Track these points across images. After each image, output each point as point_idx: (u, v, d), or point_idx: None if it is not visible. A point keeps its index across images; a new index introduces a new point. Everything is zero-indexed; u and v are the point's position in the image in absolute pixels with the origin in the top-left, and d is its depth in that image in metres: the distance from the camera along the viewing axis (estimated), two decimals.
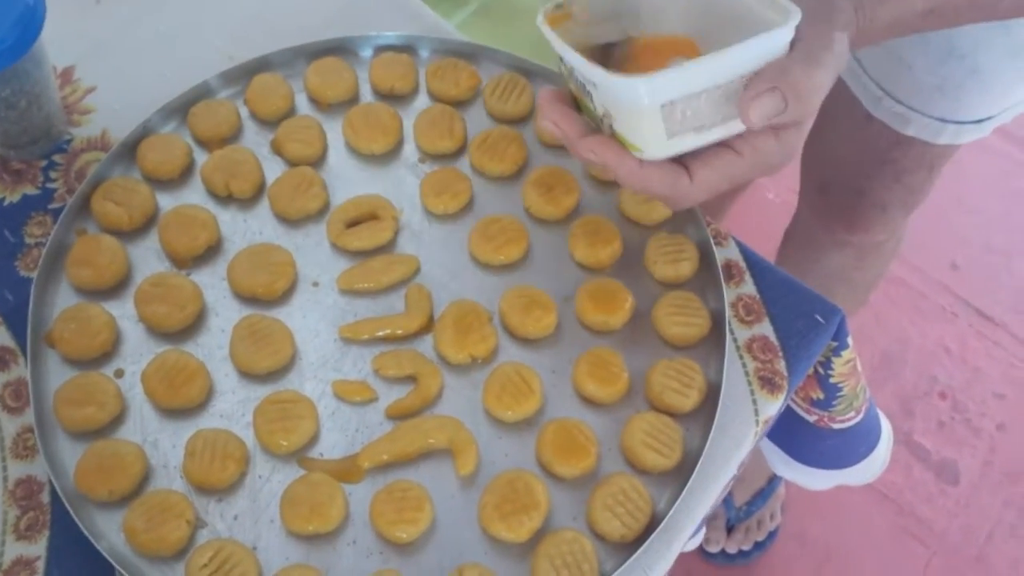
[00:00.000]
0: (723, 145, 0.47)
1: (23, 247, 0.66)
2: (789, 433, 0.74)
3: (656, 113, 0.43)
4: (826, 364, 0.65)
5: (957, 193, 1.61)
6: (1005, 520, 1.34)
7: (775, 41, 0.44)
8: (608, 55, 0.53)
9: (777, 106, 0.44)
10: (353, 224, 0.65)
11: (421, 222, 0.66)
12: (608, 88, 0.44)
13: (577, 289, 0.62)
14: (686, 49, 0.49)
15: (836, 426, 0.71)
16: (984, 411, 1.43)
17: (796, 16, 0.43)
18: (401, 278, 0.63)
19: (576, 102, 0.50)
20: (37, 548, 0.54)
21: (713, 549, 1.25)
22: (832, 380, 0.66)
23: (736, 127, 0.45)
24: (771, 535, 1.28)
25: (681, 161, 0.47)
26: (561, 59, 0.47)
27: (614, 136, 0.46)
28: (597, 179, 0.67)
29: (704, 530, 0.87)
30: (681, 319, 0.60)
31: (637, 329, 0.61)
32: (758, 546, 1.27)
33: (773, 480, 1.26)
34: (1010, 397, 1.44)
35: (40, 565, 0.54)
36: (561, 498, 0.55)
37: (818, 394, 0.68)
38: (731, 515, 1.24)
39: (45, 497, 0.56)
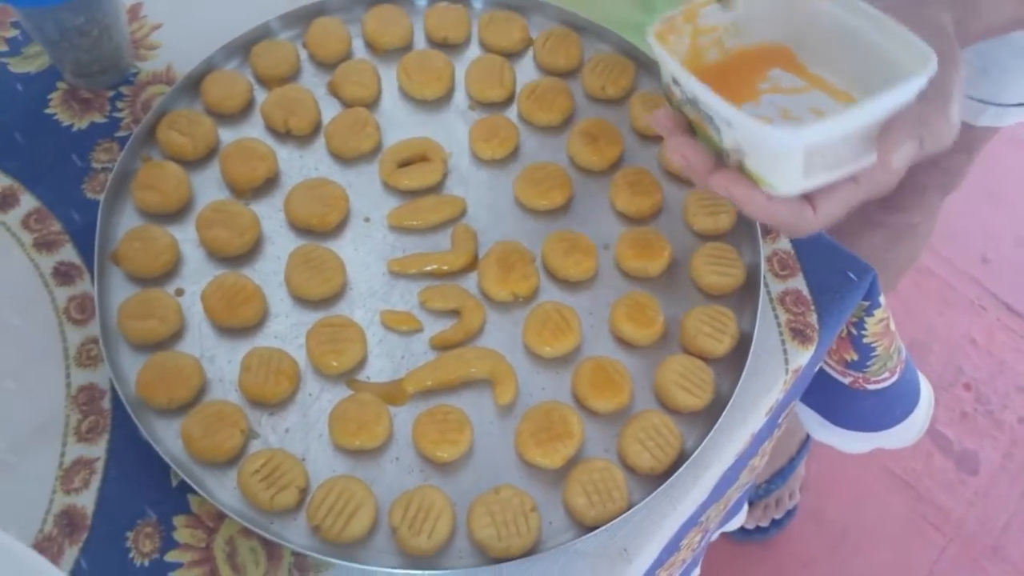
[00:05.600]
0: None
1: (89, 171, 0.70)
2: (825, 396, 0.76)
3: (799, 158, 0.43)
4: (859, 324, 0.68)
5: (989, 187, 1.63)
6: (1022, 512, 1.36)
7: (917, 85, 0.43)
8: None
9: (916, 151, 0.45)
10: (404, 164, 0.68)
11: (469, 166, 0.70)
12: (750, 132, 0.43)
13: (617, 236, 0.65)
14: (783, 59, 0.50)
15: (871, 387, 0.73)
16: (1007, 404, 1.45)
17: (934, 61, 0.43)
18: (448, 218, 0.67)
19: (689, 124, 0.49)
20: (97, 450, 0.58)
21: (731, 526, 1.28)
22: (865, 340, 0.69)
23: (866, 162, 0.45)
24: (789, 513, 1.31)
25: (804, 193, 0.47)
26: (675, 82, 0.46)
27: (742, 169, 0.46)
28: (641, 133, 0.70)
29: (745, 511, 0.89)
30: (717, 268, 0.63)
31: (674, 277, 0.65)
32: (775, 523, 1.30)
33: (794, 460, 1.29)
34: None
35: (99, 465, 0.58)
36: (594, 431, 0.59)
37: (852, 355, 0.70)
38: (750, 492, 1.27)
39: (106, 404, 0.60)
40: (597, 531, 0.54)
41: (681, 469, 0.56)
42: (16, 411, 0.60)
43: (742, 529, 1.29)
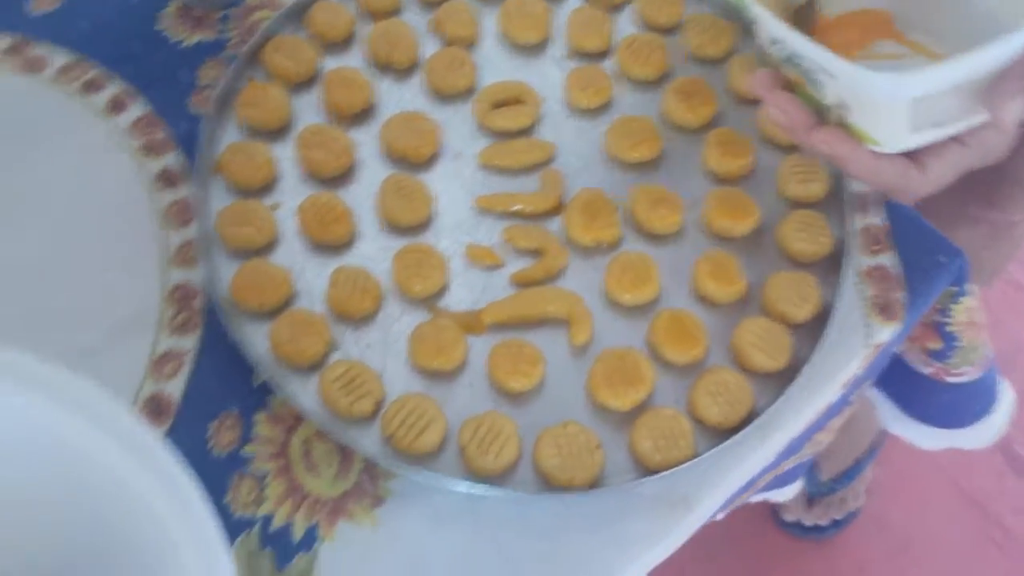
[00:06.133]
0: (952, 137, 0.46)
1: (195, 87, 0.75)
2: (903, 386, 0.77)
3: (905, 109, 0.42)
4: (944, 311, 0.69)
5: None
6: None
7: None
8: (795, 21, 0.54)
9: None
10: (498, 106, 0.72)
11: (561, 114, 0.73)
12: (854, 81, 0.42)
13: (706, 194, 0.68)
14: (882, 25, 0.50)
15: (951, 379, 0.74)
16: None
17: None
18: (538, 161, 0.70)
19: (789, 84, 0.49)
20: (188, 343, 0.64)
21: (789, 518, 1.30)
22: (949, 328, 0.70)
23: (975, 120, 0.45)
24: (850, 515, 1.32)
25: (910, 153, 0.47)
26: (774, 41, 0.46)
27: (845, 126, 0.46)
28: (738, 95, 0.73)
29: (799, 484, 0.91)
30: (805, 235, 0.65)
31: (759, 241, 0.67)
32: (835, 524, 1.31)
33: (861, 461, 1.29)
34: None
35: (188, 359, 0.63)
36: (666, 381, 0.62)
37: (936, 343, 0.71)
38: (813, 488, 1.29)
39: (198, 303, 0.65)
40: (660, 475, 0.57)
41: (749, 427, 0.58)
42: (112, 303, 0.66)
43: (800, 525, 1.30)
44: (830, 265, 0.65)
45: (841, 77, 0.43)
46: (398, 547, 0.57)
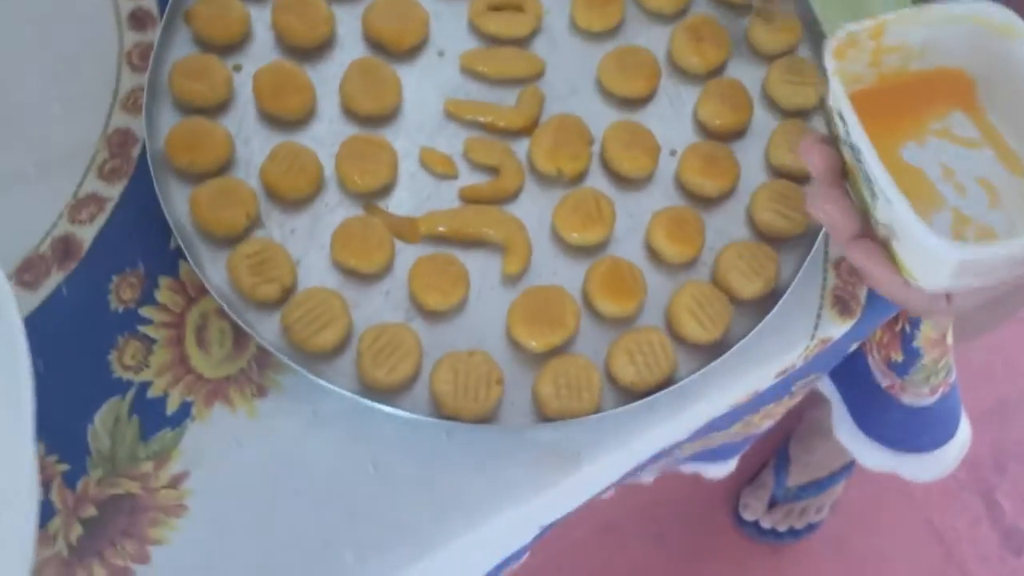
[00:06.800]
0: None
1: None
2: (859, 393, 0.74)
3: (951, 265, 0.41)
4: (915, 323, 0.65)
5: None
6: None
7: None
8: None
9: None
10: (496, 9, 0.68)
11: (562, 31, 0.68)
12: (908, 226, 0.41)
13: (688, 145, 0.63)
14: (962, 93, 0.47)
15: (906, 399, 0.70)
16: None
17: None
18: (522, 74, 0.66)
19: (844, 169, 0.46)
20: (112, 191, 0.62)
21: (748, 517, 1.27)
22: (915, 343, 0.66)
23: (1020, 273, 0.43)
24: (809, 527, 1.28)
25: None
26: (842, 117, 0.43)
27: (887, 246, 0.44)
28: (754, 48, 0.67)
29: (732, 465, 0.88)
30: (779, 207, 0.60)
31: (732, 206, 0.62)
32: (792, 532, 1.28)
33: (835, 475, 1.25)
34: None
35: (109, 206, 0.61)
36: (589, 331, 0.58)
37: (898, 355, 0.67)
38: (779, 492, 1.25)
39: (135, 152, 0.63)
40: (553, 424, 0.54)
41: (660, 394, 0.55)
42: (53, 133, 0.64)
43: (758, 526, 1.27)
44: (800, 245, 0.61)
45: (897, 209, 0.41)
46: (270, 442, 0.55)
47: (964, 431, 0.77)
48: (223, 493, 0.54)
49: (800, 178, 0.63)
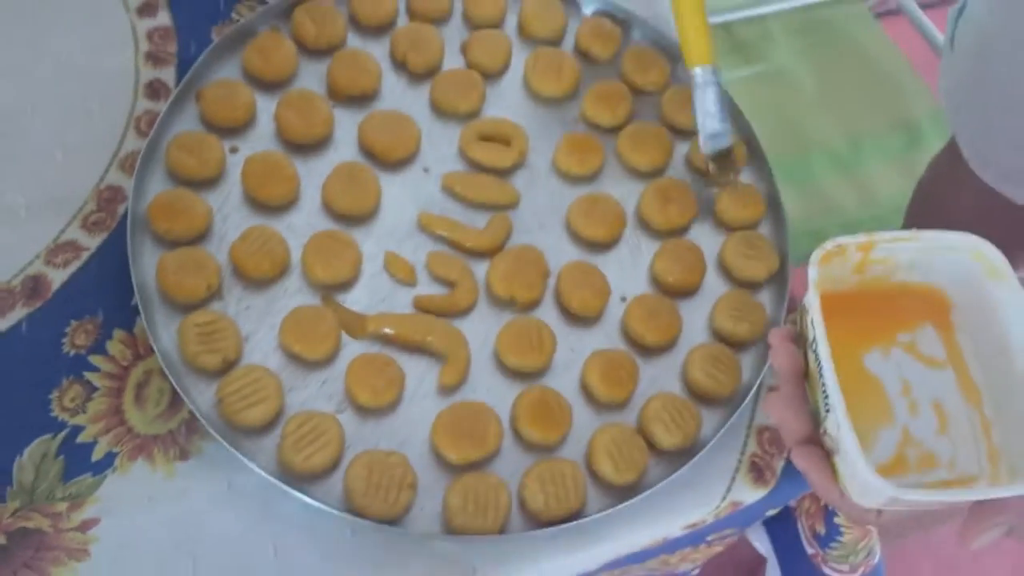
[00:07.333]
0: None
1: (227, 18, 0.78)
2: (790, 555, 0.75)
3: (884, 498, 0.42)
4: None
5: None
6: None
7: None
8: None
9: (1001, 534, 0.44)
10: (486, 139, 0.73)
11: (542, 169, 0.73)
12: (853, 457, 0.42)
13: (636, 296, 0.67)
14: (939, 312, 0.49)
15: (828, 572, 0.71)
16: None
17: None
18: (497, 202, 0.70)
19: (807, 369, 0.47)
20: (91, 242, 0.65)
21: None
22: (836, 520, 0.67)
23: (949, 510, 0.45)
24: None
25: None
26: (813, 325, 0.44)
27: (829, 457, 0.46)
28: (719, 219, 0.72)
29: None
30: (711, 369, 0.63)
31: (668, 358, 0.65)
32: None
33: None
34: None
35: (85, 255, 0.65)
36: (508, 454, 0.60)
37: (821, 528, 0.69)
38: None
39: (120, 209, 0.67)
40: (458, 537, 0.56)
41: (566, 526, 0.57)
42: (50, 179, 0.68)
43: None
44: (727, 408, 0.63)
45: (844, 435, 0.42)
46: (181, 505, 0.57)
47: None
48: (126, 546, 0.55)
49: (736, 344, 0.66)
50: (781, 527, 0.74)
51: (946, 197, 0.88)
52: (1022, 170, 0.82)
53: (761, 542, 0.80)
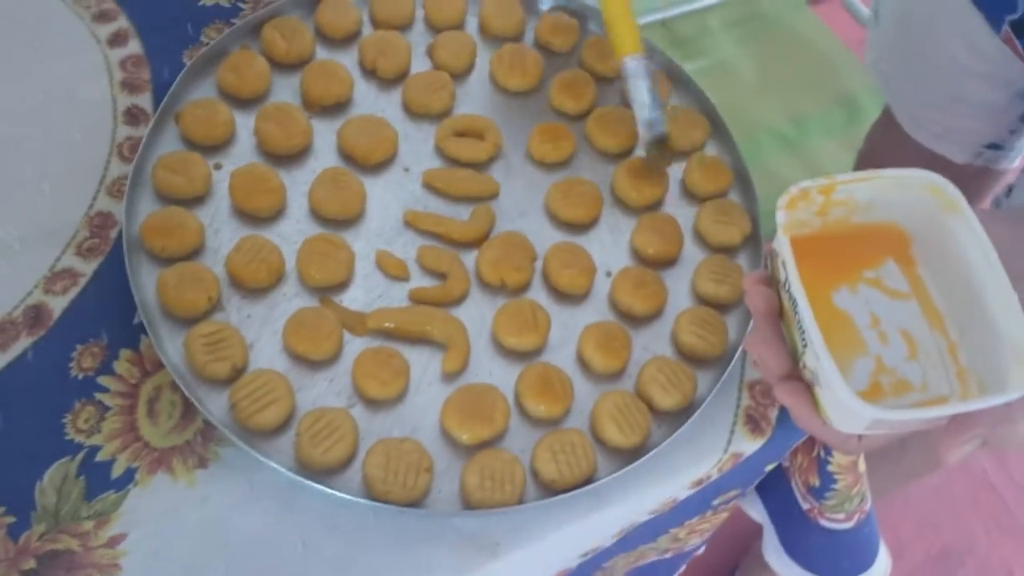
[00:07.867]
0: None
1: (195, 42, 0.80)
2: (784, 515, 0.78)
3: (865, 421, 0.44)
4: (828, 449, 0.69)
5: None
6: None
7: (1007, 400, 0.43)
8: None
9: (975, 447, 0.45)
10: (461, 135, 0.75)
11: (517, 159, 0.76)
12: (832, 383, 0.43)
13: (621, 268, 0.69)
14: (898, 245, 0.51)
15: (824, 523, 0.74)
16: None
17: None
18: (477, 194, 0.73)
19: (781, 310, 0.49)
20: (87, 268, 0.66)
21: None
22: (829, 468, 0.70)
23: (928, 428, 0.47)
24: None
25: None
26: (784, 266, 0.46)
27: (810, 389, 0.48)
28: (690, 191, 0.75)
29: None
30: (699, 331, 0.66)
31: (657, 325, 0.68)
32: None
33: None
34: None
35: (83, 281, 0.66)
36: (517, 430, 0.63)
37: (815, 480, 0.72)
38: None
39: (113, 233, 0.68)
40: (478, 512, 0.58)
41: (579, 491, 0.59)
42: (40, 211, 0.69)
43: None
44: (718, 366, 0.66)
45: (823, 365, 0.44)
46: (205, 511, 0.58)
47: (883, 560, 0.81)
48: (156, 557, 0.57)
49: (720, 306, 0.69)
50: (774, 491, 0.78)
51: (885, 162, 0.93)
52: (951, 129, 0.88)
53: (756, 510, 0.83)
